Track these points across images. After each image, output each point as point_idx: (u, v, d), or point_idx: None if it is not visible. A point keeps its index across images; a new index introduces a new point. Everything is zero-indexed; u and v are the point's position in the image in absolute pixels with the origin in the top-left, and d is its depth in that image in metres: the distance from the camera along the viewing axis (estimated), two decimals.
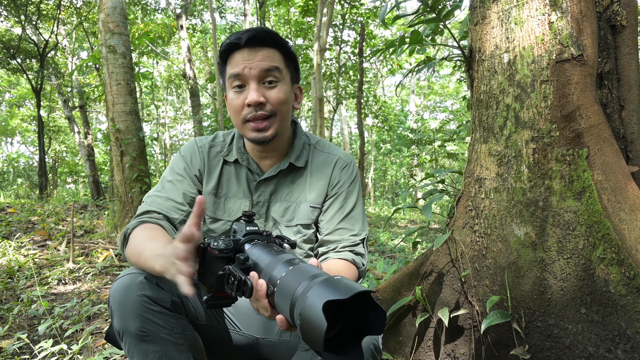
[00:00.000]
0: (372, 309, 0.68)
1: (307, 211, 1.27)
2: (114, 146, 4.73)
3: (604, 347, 1.29)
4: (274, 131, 1.17)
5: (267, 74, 1.14)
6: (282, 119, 1.18)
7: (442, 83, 23.27)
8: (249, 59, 1.12)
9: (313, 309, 0.63)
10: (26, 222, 5.36)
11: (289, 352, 1.17)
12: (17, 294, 2.81)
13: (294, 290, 0.69)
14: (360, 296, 0.66)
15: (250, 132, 1.16)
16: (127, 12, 5.20)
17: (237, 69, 1.13)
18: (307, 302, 0.64)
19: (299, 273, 0.71)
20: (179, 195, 1.23)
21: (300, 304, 0.66)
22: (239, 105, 1.15)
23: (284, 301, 0.71)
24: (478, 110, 1.61)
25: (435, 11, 1.80)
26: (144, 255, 0.97)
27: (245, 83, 1.14)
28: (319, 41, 7.47)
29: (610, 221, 1.33)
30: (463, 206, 1.63)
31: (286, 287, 0.71)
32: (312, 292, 0.65)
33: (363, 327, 0.70)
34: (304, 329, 0.65)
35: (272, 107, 1.15)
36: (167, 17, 14.98)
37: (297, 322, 0.67)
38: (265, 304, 0.75)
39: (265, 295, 0.74)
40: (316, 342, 0.62)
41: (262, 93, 1.14)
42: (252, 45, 1.13)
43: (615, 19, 1.55)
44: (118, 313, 0.97)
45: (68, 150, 21.05)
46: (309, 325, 0.63)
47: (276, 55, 1.16)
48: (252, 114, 1.14)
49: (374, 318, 0.68)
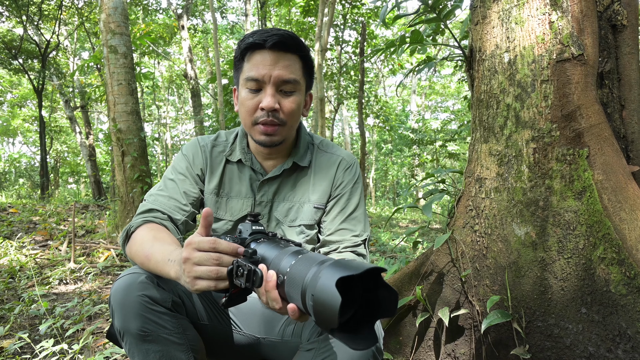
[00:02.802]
0: (384, 289, 0.69)
1: (311, 212, 1.27)
2: (115, 146, 4.74)
3: (605, 347, 1.29)
4: (282, 138, 1.18)
5: (284, 84, 1.13)
6: (291, 127, 1.19)
7: (444, 83, 23.25)
8: (271, 64, 1.11)
9: (326, 287, 0.63)
10: (28, 222, 5.37)
11: (290, 352, 1.17)
12: (18, 293, 2.82)
13: (304, 276, 0.69)
14: (372, 277, 0.67)
15: (258, 135, 1.16)
16: (128, 12, 5.20)
17: (257, 74, 1.11)
18: (319, 282, 0.65)
19: (307, 260, 0.72)
20: (182, 194, 1.23)
21: (311, 287, 0.66)
22: (252, 106, 1.14)
23: (294, 289, 0.71)
24: (478, 109, 1.61)
25: (435, 11, 1.80)
26: (154, 258, 0.97)
27: (261, 87, 1.13)
28: (320, 41, 7.47)
29: (611, 221, 1.33)
30: (463, 206, 1.63)
31: (296, 275, 0.71)
32: (323, 273, 0.65)
33: (375, 309, 0.70)
34: (317, 309, 0.65)
35: (284, 116, 1.15)
36: (169, 18, 14.99)
37: (309, 305, 0.67)
38: (276, 295, 0.75)
39: (275, 286, 0.75)
40: (330, 319, 0.62)
41: (278, 100, 1.13)
42: (277, 49, 1.11)
43: (616, 18, 1.55)
44: (119, 313, 0.97)
45: (70, 151, 21.08)
46: (323, 304, 0.63)
47: (297, 63, 1.15)
48: (264, 119, 1.13)
49: (385, 299, 0.69)
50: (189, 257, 0.81)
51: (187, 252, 0.82)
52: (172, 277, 0.90)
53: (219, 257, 0.80)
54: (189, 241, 0.82)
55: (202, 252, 0.80)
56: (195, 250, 0.81)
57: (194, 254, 0.80)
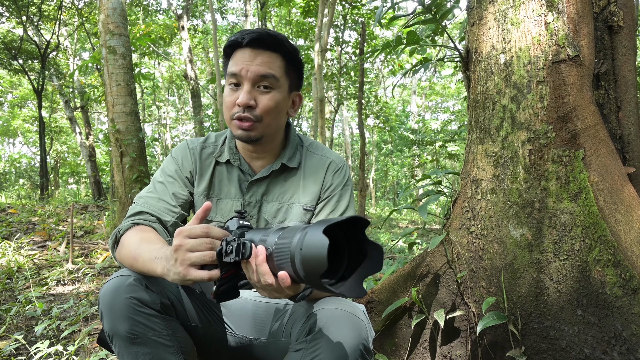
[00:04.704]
0: (370, 246, 0.72)
1: (300, 213, 1.27)
2: (113, 147, 4.74)
3: (600, 349, 1.29)
4: (258, 134, 1.18)
5: (262, 79, 1.14)
6: (268, 125, 1.18)
7: (444, 84, 23.24)
8: (248, 60, 1.13)
9: (313, 237, 0.65)
10: (26, 223, 5.37)
11: (280, 353, 1.17)
12: (15, 294, 2.81)
13: (291, 241, 0.71)
14: (355, 230, 0.70)
15: (235, 129, 1.18)
16: (127, 13, 5.20)
17: (235, 69, 1.14)
18: (307, 237, 0.67)
19: (292, 230, 0.74)
20: (171, 196, 1.23)
21: (299, 245, 0.68)
22: (230, 102, 1.16)
23: (283, 256, 0.73)
24: (475, 111, 1.61)
25: (431, 12, 1.80)
26: (141, 258, 0.97)
27: (240, 82, 1.15)
28: (320, 42, 7.47)
29: (607, 222, 1.32)
30: (459, 207, 1.63)
31: (283, 243, 0.73)
32: (309, 231, 0.68)
33: (363, 266, 0.73)
34: (305, 261, 0.67)
35: (259, 112, 1.15)
36: (169, 18, 14.99)
37: (298, 263, 0.68)
38: (266, 269, 0.76)
39: (265, 259, 0.76)
40: (319, 264, 0.64)
41: (254, 96, 1.14)
42: (254, 46, 1.13)
43: (612, 19, 1.55)
44: (107, 315, 0.96)
45: (70, 151, 21.09)
46: (310, 253, 0.65)
47: (277, 61, 1.16)
48: (239, 114, 1.15)
49: (372, 256, 0.72)
50: (181, 245, 0.81)
51: (178, 239, 0.81)
52: (158, 273, 0.90)
53: (212, 242, 0.80)
54: (179, 230, 0.82)
55: (195, 238, 0.80)
56: (187, 238, 0.80)
57: (186, 241, 0.80)
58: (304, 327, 1.05)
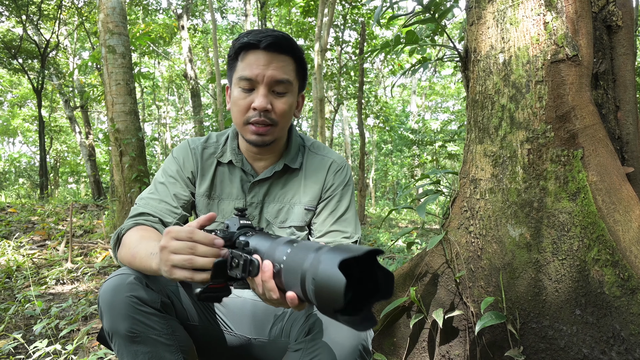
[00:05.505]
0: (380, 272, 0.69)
1: (301, 213, 1.27)
2: (113, 146, 4.74)
3: (599, 348, 1.29)
4: (273, 138, 1.18)
5: (277, 84, 1.13)
6: (282, 128, 1.19)
7: (444, 83, 23.24)
8: (264, 64, 1.10)
9: (328, 270, 0.63)
10: (26, 222, 5.37)
11: (279, 353, 1.17)
12: (14, 293, 2.81)
13: (302, 262, 0.68)
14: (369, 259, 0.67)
15: (250, 135, 1.16)
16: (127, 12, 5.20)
17: (250, 73, 1.11)
18: (321, 266, 0.64)
19: (303, 248, 0.71)
20: (172, 197, 1.23)
21: (312, 272, 0.66)
22: (244, 106, 1.14)
23: (293, 276, 0.70)
24: (473, 110, 1.61)
25: (430, 11, 1.80)
26: (139, 255, 0.97)
27: (254, 86, 1.13)
28: (320, 41, 7.46)
29: (605, 222, 1.32)
30: (458, 207, 1.63)
31: (293, 262, 0.71)
32: (323, 257, 0.65)
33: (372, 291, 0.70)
34: (320, 293, 0.64)
35: (276, 116, 1.15)
36: (168, 18, 14.99)
37: (309, 290, 0.66)
38: (273, 285, 0.74)
39: (272, 275, 0.74)
40: (335, 301, 0.61)
41: (270, 100, 1.13)
42: (271, 50, 1.11)
43: (611, 19, 1.55)
44: (107, 314, 0.96)
45: (69, 150, 21.09)
46: (326, 286, 0.63)
47: (290, 65, 1.15)
48: (256, 118, 1.13)
49: (381, 282, 0.69)
50: (165, 246, 0.81)
51: (164, 240, 0.81)
52: (153, 269, 0.90)
53: (194, 246, 0.79)
54: (168, 230, 0.82)
55: (179, 240, 0.80)
56: (173, 239, 0.80)
57: (171, 242, 0.80)
58: (304, 327, 1.05)
